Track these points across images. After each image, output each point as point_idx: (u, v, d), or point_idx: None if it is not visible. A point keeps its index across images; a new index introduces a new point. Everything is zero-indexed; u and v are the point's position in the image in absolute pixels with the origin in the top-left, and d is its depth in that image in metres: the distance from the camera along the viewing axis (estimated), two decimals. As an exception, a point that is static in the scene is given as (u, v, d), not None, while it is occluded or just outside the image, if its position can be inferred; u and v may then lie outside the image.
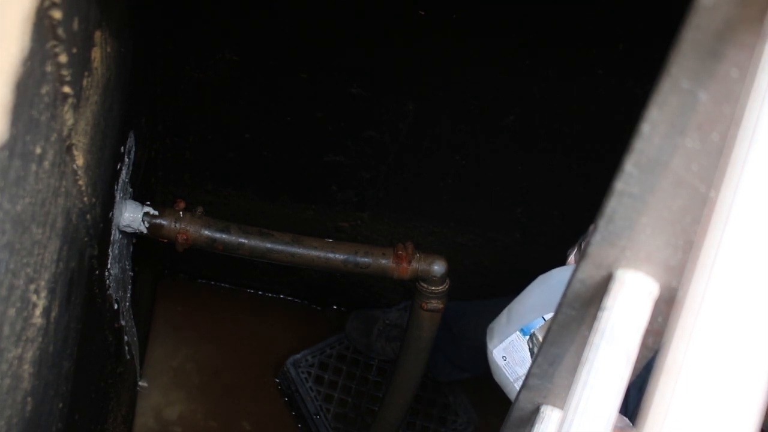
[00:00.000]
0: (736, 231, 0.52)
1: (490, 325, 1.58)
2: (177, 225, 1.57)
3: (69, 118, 0.98)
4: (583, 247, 1.51)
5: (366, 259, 1.66)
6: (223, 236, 1.60)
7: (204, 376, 2.48)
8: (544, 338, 0.84)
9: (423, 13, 1.69)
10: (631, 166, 0.64)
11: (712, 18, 0.55)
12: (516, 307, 1.54)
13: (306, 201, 2.21)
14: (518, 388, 0.96)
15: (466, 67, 1.80)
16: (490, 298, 2.34)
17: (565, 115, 1.89)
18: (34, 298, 0.94)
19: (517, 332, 1.50)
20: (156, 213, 1.56)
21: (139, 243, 1.75)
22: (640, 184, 0.65)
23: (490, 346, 1.55)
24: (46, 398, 1.10)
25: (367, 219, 2.24)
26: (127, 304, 1.80)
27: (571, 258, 1.54)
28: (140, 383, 2.33)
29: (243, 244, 1.61)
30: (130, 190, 1.56)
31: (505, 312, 1.57)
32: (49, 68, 0.85)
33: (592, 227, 1.47)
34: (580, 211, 1.55)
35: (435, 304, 1.74)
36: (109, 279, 1.50)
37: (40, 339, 1.00)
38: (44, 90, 0.84)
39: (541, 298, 1.49)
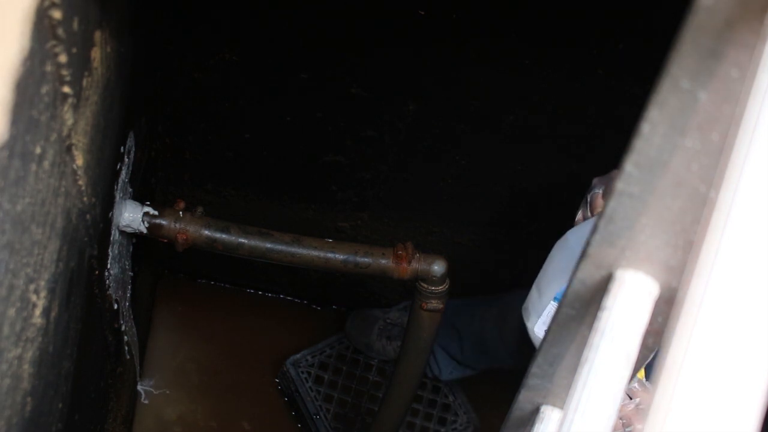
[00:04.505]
0: (736, 231, 0.52)
1: (524, 306, 1.58)
2: (177, 225, 1.57)
3: (69, 118, 0.98)
4: (588, 202, 1.53)
5: (366, 259, 1.65)
6: (223, 236, 1.60)
7: (204, 376, 2.48)
8: (544, 338, 0.85)
9: (423, 13, 1.69)
10: (631, 166, 0.64)
11: (712, 18, 0.55)
12: (543, 279, 1.56)
13: (306, 201, 2.21)
14: None
15: (466, 66, 1.80)
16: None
17: (564, 115, 1.89)
18: (33, 298, 0.94)
19: (552, 302, 1.51)
20: (156, 213, 1.56)
21: (139, 243, 1.75)
22: (640, 184, 0.65)
23: (528, 324, 1.55)
24: (46, 398, 1.10)
25: (367, 219, 2.24)
26: (127, 304, 1.80)
27: (579, 216, 1.54)
28: (151, 388, 2.34)
29: (243, 244, 1.61)
30: (130, 190, 1.56)
31: (534, 288, 1.58)
32: (48, 68, 0.85)
33: (595, 180, 1.48)
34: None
35: (435, 304, 1.74)
36: (108, 279, 1.50)
37: (39, 339, 1.00)
38: (44, 90, 0.84)
39: (563, 262, 1.51)
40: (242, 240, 1.61)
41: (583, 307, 0.77)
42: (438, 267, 1.69)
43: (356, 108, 1.93)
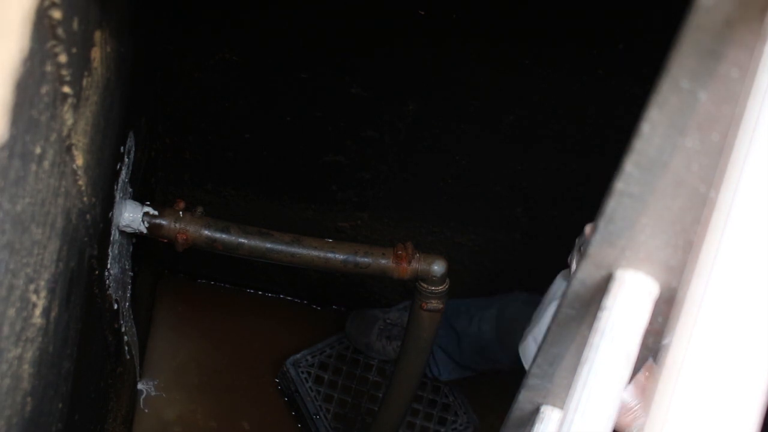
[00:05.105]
0: (736, 231, 0.52)
1: (521, 347, 1.64)
2: (177, 225, 1.57)
3: (69, 118, 0.98)
4: (581, 248, 1.55)
5: (366, 259, 1.65)
6: (223, 236, 1.60)
7: (204, 376, 2.47)
8: (544, 338, 0.84)
9: (423, 13, 1.69)
10: (631, 166, 0.64)
11: (712, 18, 0.55)
12: (537, 329, 1.59)
13: (306, 201, 2.21)
14: None
15: (466, 66, 1.80)
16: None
17: (565, 115, 1.89)
18: (33, 298, 0.94)
19: None
20: (156, 213, 1.56)
21: (139, 243, 1.75)
22: (640, 184, 0.65)
23: (527, 367, 1.61)
24: (46, 398, 1.10)
25: (367, 219, 2.24)
26: (127, 304, 1.80)
27: (573, 264, 1.56)
28: (151, 388, 2.34)
29: (243, 244, 1.61)
30: (130, 190, 1.56)
31: (529, 336, 1.62)
32: (48, 68, 0.85)
33: (587, 228, 1.51)
34: (580, 211, 1.55)
35: (435, 304, 1.74)
36: (108, 279, 1.50)
37: (39, 339, 1.00)
38: (44, 90, 0.84)
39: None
40: (242, 240, 1.61)
41: (583, 307, 0.77)
42: (438, 267, 1.69)
43: (356, 108, 1.92)
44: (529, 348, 1.62)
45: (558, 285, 1.62)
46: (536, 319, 1.64)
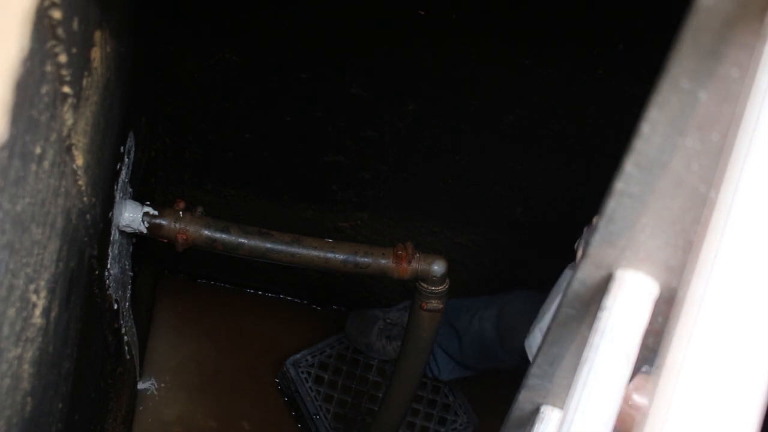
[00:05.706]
0: (736, 231, 0.52)
1: (527, 342, 1.65)
2: (177, 225, 1.57)
3: (69, 118, 0.98)
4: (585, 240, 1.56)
5: (366, 259, 1.65)
6: (223, 236, 1.60)
7: (204, 376, 2.47)
8: (544, 338, 0.84)
9: (423, 13, 1.69)
10: (631, 166, 0.64)
11: (712, 18, 0.55)
12: (544, 321, 1.60)
13: (306, 201, 2.21)
14: None
15: (466, 66, 1.80)
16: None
17: (564, 115, 1.89)
18: (33, 298, 0.94)
19: None
20: (156, 213, 1.56)
21: (139, 243, 1.75)
22: (640, 184, 0.65)
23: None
24: (46, 398, 1.10)
25: (367, 219, 2.24)
26: (127, 304, 1.80)
27: (579, 252, 1.57)
28: (151, 388, 2.35)
29: (243, 244, 1.61)
30: (130, 190, 1.56)
31: (536, 328, 1.62)
32: (48, 68, 0.85)
33: (595, 219, 1.51)
34: (580, 211, 1.55)
35: (435, 304, 1.74)
36: (108, 279, 1.50)
37: (39, 339, 1.00)
38: (44, 90, 0.84)
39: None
40: (242, 240, 1.61)
41: (583, 307, 0.77)
42: (438, 267, 1.69)
43: (356, 108, 1.92)
44: (536, 341, 1.63)
45: (565, 276, 1.63)
46: (543, 311, 1.64)
